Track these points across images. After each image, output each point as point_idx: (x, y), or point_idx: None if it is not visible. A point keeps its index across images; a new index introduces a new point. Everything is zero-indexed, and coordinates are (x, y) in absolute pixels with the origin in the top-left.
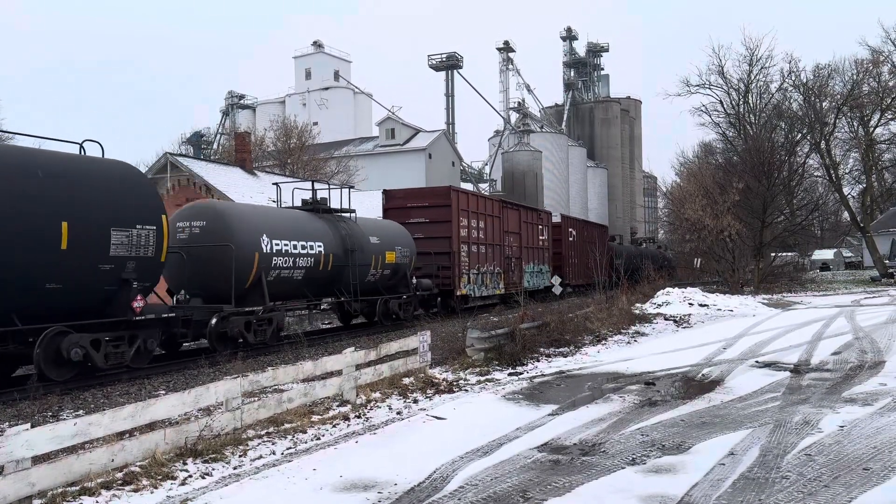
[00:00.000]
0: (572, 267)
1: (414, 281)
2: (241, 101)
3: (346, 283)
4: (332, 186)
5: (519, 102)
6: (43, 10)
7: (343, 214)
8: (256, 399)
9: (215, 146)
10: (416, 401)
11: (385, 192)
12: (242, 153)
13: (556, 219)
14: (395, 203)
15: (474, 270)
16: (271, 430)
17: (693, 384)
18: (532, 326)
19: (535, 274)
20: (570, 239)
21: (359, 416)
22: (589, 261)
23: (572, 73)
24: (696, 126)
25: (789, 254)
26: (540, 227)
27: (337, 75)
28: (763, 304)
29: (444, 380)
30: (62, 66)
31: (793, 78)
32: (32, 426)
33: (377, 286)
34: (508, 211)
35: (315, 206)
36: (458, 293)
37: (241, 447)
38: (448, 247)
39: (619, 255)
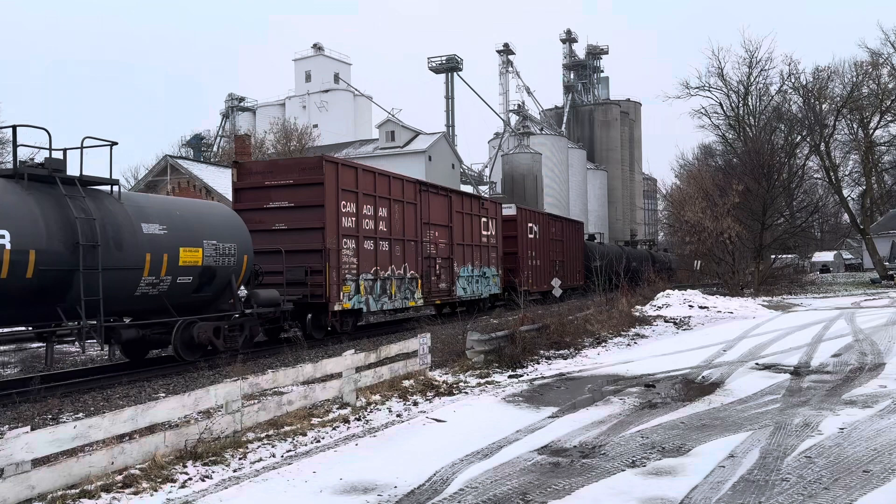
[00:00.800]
0: (532, 270)
1: (242, 292)
2: (241, 104)
3: (79, 298)
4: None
5: (519, 105)
6: (43, 10)
7: (97, 187)
8: (256, 402)
9: (215, 148)
10: (415, 403)
11: (236, 164)
12: (242, 156)
13: (508, 211)
14: (249, 181)
15: (368, 275)
16: (271, 432)
17: (693, 386)
18: (532, 329)
19: (474, 279)
20: (531, 236)
21: (359, 419)
22: (556, 263)
23: (572, 76)
24: (696, 128)
25: (789, 256)
26: (484, 219)
27: (337, 78)
28: (763, 306)
29: (443, 382)
30: (62, 66)
31: (792, 80)
32: (32, 429)
33: (164, 302)
34: (430, 196)
35: (17, 171)
36: (337, 307)
37: (240, 450)
38: (320, 242)
39: (598, 255)
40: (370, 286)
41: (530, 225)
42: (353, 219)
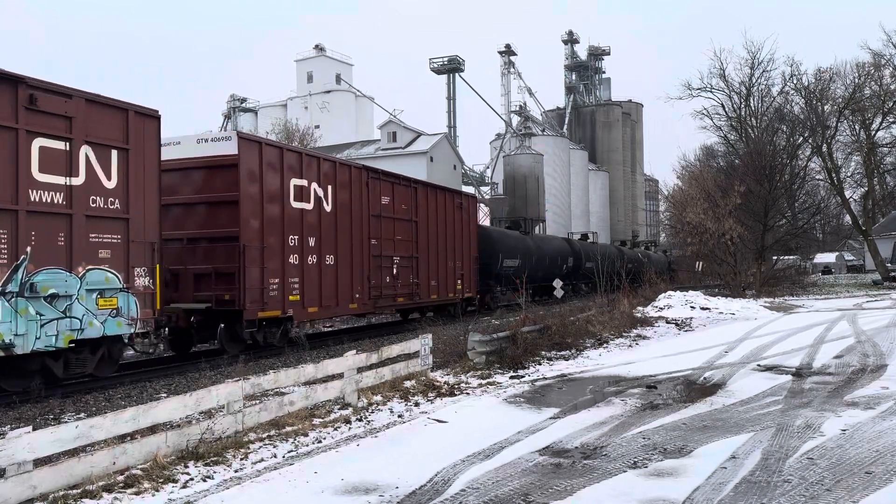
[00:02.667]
0: (304, 275)
1: None
2: (243, 105)
3: None
4: None
5: (520, 105)
6: (42, 9)
7: None
8: (258, 402)
9: None
10: (417, 404)
11: None
12: None
13: (220, 147)
14: None
15: None
16: (273, 433)
17: (695, 388)
18: (533, 330)
19: None
20: (298, 206)
21: (360, 420)
22: (395, 262)
23: (574, 77)
24: (698, 129)
25: (791, 257)
26: (56, 144)
27: (339, 78)
28: (765, 307)
29: (445, 383)
30: (62, 65)
31: (794, 81)
32: (34, 429)
33: None
34: None
35: None
36: None
37: (242, 450)
38: None
39: (510, 252)
40: None
41: (297, 183)
42: None
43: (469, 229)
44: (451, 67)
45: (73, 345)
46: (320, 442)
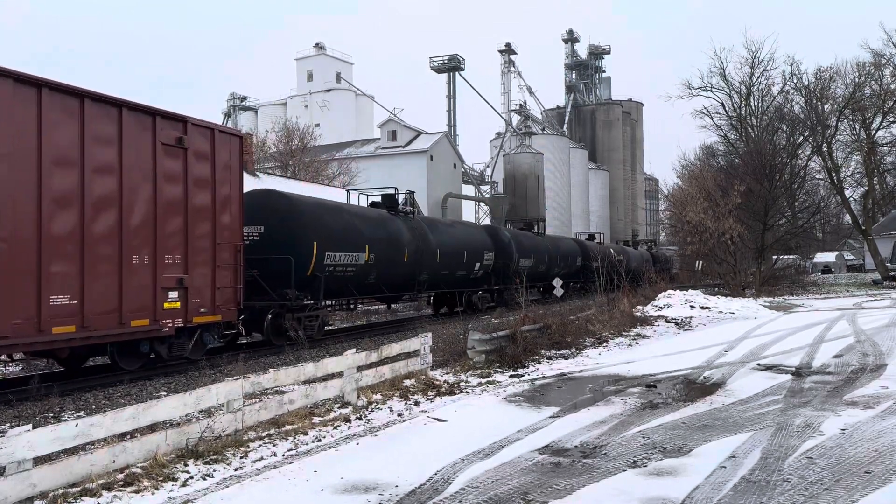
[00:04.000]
0: None
1: None
2: (243, 103)
3: None
4: None
5: (520, 104)
6: (42, 8)
7: None
8: (258, 400)
9: None
10: (417, 403)
11: None
12: (244, 155)
13: None
14: None
15: None
16: (272, 431)
17: (694, 387)
18: (533, 329)
19: None
20: None
21: (360, 418)
22: None
23: (574, 76)
24: (698, 128)
25: (791, 256)
26: None
27: (339, 77)
28: (764, 306)
29: (445, 382)
30: (61, 64)
31: (794, 81)
32: (34, 427)
33: None
34: None
35: None
36: None
37: (242, 448)
38: None
39: (352, 241)
40: None
41: None
42: None
43: (218, 193)
44: (452, 66)
45: None
46: (320, 441)
